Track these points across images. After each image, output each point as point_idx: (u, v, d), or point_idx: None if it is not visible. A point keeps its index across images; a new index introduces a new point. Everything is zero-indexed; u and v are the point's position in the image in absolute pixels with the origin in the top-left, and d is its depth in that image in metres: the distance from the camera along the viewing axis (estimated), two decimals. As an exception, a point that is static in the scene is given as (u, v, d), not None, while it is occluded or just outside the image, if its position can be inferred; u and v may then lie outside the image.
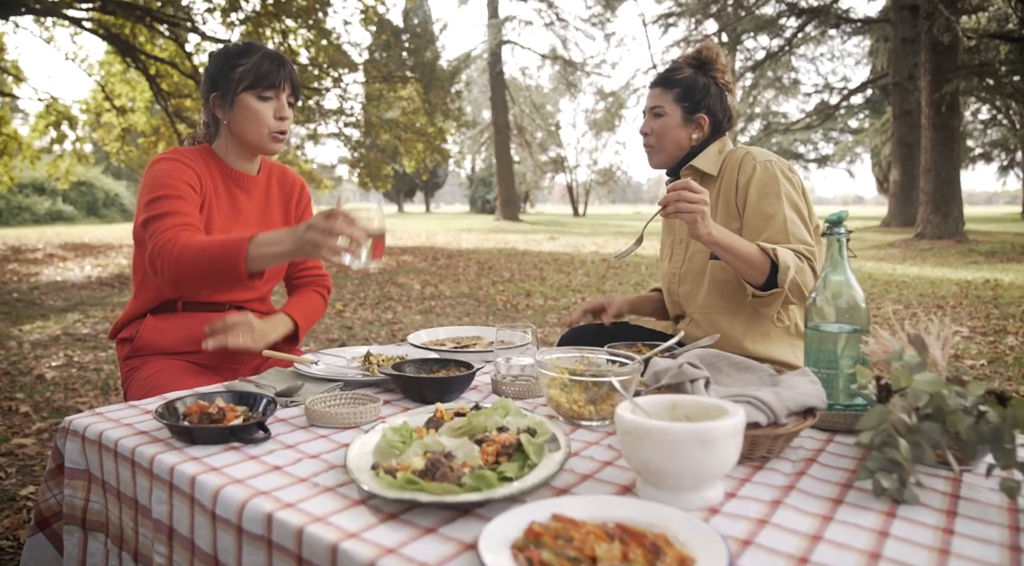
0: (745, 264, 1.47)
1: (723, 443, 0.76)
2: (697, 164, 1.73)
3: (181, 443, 0.96)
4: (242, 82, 1.55)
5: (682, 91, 1.71)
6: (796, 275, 1.46)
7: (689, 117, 1.72)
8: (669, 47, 26.99)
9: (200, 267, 1.32)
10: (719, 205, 1.70)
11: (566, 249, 13.85)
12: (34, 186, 24.74)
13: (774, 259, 1.47)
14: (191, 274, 1.34)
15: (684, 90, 1.71)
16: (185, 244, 1.35)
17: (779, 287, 1.47)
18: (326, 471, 0.87)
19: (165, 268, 1.36)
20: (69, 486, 1.05)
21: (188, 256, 1.34)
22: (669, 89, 1.72)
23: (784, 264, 1.45)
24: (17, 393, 3.54)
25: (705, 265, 1.70)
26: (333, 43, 12.84)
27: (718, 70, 1.74)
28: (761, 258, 1.47)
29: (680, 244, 1.80)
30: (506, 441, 0.87)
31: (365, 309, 6.44)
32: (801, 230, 1.56)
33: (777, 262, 1.46)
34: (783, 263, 1.45)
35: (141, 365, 1.55)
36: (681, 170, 1.77)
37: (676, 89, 1.72)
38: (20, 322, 5.58)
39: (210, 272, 1.32)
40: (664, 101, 1.72)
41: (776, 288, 1.48)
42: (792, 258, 1.47)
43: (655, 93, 1.75)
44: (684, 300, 1.77)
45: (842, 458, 0.95)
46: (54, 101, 13.59)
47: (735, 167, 1.67)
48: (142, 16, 11.07)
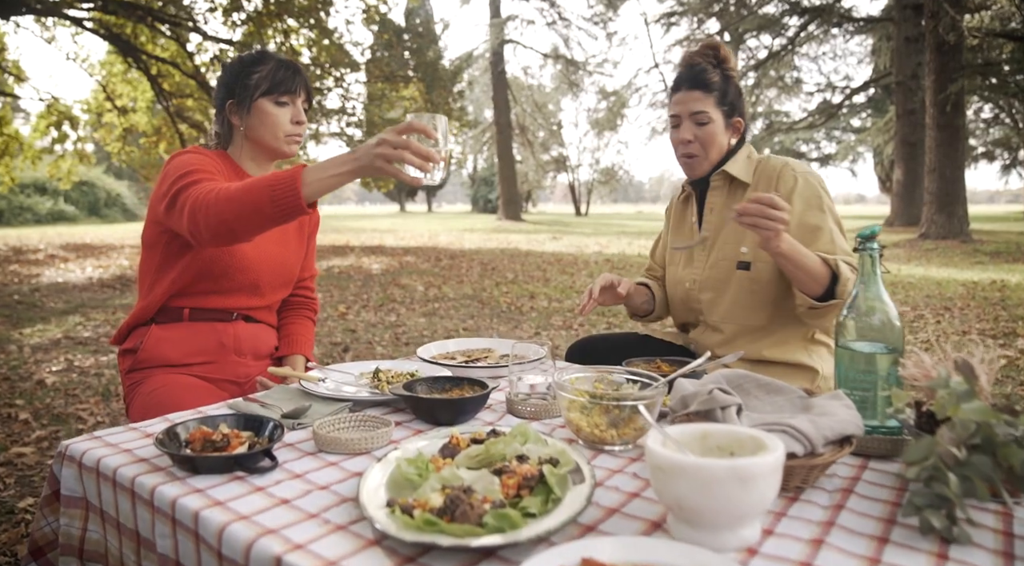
0: (809, 276, 1.44)
1: (762, 480, 0.71)
2: (731, 170, 1.67)
3: (183, 472, 0.91)
4: (259, 88, 1.56)
5: (720, 95, 1.65)
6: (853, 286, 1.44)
7: (728, 121, 1.67)
8: (671, 46, 26.94)
9: (254, 198, 1.22)
10: None
11: (569, 249, 13.80)
12: (36, 186, 24.73)
13: (835, 271, 1.44)
14: (244, 210, 1.23)
15: (721, 93, 1.65)
16: (229, 186, 1.28)
17: (837, 298, 1.44)
18: (337, 505, 0.83)
19: (211, 210, 1.25)
20: (66, 514, 1.01)
21: (237, 192, 1.24)
22: (708, 92, 1.63)
23: (844, 276, 1.43)
24: (17, 399, 3.50)
25: (731, 274, 1.65)
26: (335, 43, 12.79)
27: (732, 69, 1.68)
28: (824, 270, 1.44)
29: (701, 250, 1.73)
30: (528, 473, 0.82)
31: (368, 311, 6.40)
32: (844, 243, 1.54)
33: (839, 274, 1.43)
34: (844, 275, 1.43)
35: (144, 379, 1.51)
36: (712, 176, 1.71)
37: (715, 93, 1.64)
38: (20, 325, 5.54)
39: (268, 202, 1.21)
40: (707, 105, 1.63)
41: (833, 299, 1.45)
42: (848, 270, 1.45)
43: (695, 97, 1.64)
44: (705, 308, 1.71)
45: (880, 487, 0.90)
46: (55, 101, 13.56)
47: (772, 177, 1.62)
48: (143, 16, 11.03)
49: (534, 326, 5.69)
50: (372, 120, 14.61)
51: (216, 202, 1.26)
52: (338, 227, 24.86)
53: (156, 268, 1.55)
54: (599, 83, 42.11)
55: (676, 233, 1.86)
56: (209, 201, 1.27)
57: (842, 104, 24.82)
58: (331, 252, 13.26)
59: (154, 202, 1.49)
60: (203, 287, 1.55)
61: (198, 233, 1.31)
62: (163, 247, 1.54)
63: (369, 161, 1.18)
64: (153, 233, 1.55)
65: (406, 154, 1.15)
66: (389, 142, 1.16)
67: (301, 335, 1.75)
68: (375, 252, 13.25)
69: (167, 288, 1.53)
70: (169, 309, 1.56)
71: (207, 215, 1.27)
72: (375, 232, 21.13)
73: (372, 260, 11.38)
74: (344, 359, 4.46)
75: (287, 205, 1.21)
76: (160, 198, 1.44)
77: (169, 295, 1.55)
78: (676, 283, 1.80)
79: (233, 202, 1.25)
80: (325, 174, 1.22)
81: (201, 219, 1.28)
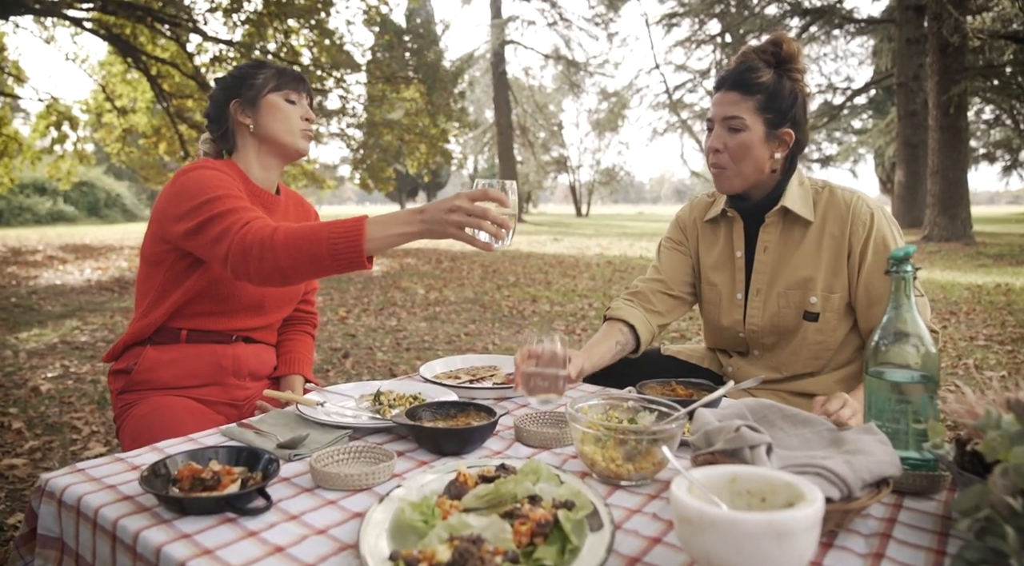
0: None
1: (802, 536, 0.64)
2: (793, 208, 1.45)
3: (171, 513, 0.84)
4: (267, 85, 1.52)
5: (765, 98, 1.40)
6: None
7: (772, 132, 1.42)
8: (672, 47, 26.88)
9: (313, 249, 1.18)
10: (823, 258, 1.45)
11: (571, 251, 13.73)
12: (35, 186, 24.69)
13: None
14: (302, 258, 1.19)
15: (768, 97, 1.40)
16: (288, 229, 1.22)
17: None
18: (335, 554, 0.76)
19: (266, 255, 1.21)
20: (40, 555, 0.94)
21: (297, 240, 1.20)
22: (748, 95, 1.40)
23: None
24: (10, 408, 3.44)
25: (798, 324, 1.50)
26: (335, 43, 12.73)
27: (798, 70, 1.44)
28: None
29: (757, 296, 1.54)
30: (542, 519, 0.76)
31: (369, 315, 6.33)
32: (927, 310, 1.36)
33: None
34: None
35: (137, 401, 1.44)
36: (767, 215, 1.48)
37: (758, 95, 1.40)
38: (17, 329, 5.47)
39: (328, 255, 1.18)
40: (743, 111, 1.40)
41: None
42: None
43: (730, 98, 1.42)
44: (764, 352, 1.57)
45: (920, 531, 0.83)
46: (55, 101, 13.50)
47: (843, 215, 1.42)
48: (143, 16, 10.97)
49: (537, 331, 5.62)
50: (372, 121, 14.55)
51: (273, 248, 1.21)
52: (338, 228, 24.75)
53: (158, 287, 1.46)
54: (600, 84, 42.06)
55: (707, 255, 1.65)
56: (265, 244, 1.22)
57: (843, 105, 24.75)
58: (331, 254, 13.17)
59: (166, 220, 1.39)
60: (205, 308, 1.48)
61: (244, 272, 1.25)
62: (168, 266, 1.45)
63: (441, 226, 1.17)
64: (158, 250, 1.46)
65: (483, 223, 1.15)
66: (464, 210, 1.15)
67: (300, 353, 1.69)
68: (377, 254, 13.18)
69: (168, 308, 1.45)
70: (167, 329, 1.49)
71: (261, 258, 1.22)
72: (375, 233, 21.02)
73: (373, 262, 11.30)
74: (344, 365, 4.40)
75: (347, 260, 1.19)
76: (177, 218, 1.36)
77: (169, 315, 1.47)
78: (723, 319, 1.61)
79: (291, 250, 1.20)
80: (390, 232, 1.19)
81: (253, 261, 1.23)
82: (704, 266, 1.66)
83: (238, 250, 1.25)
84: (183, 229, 1.34)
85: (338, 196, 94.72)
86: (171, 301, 1.45)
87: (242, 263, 1.24)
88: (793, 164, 1.50)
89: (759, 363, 1.59)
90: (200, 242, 1.32)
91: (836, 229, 1.44)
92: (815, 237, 1.47)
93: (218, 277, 1.46)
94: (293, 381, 1.62)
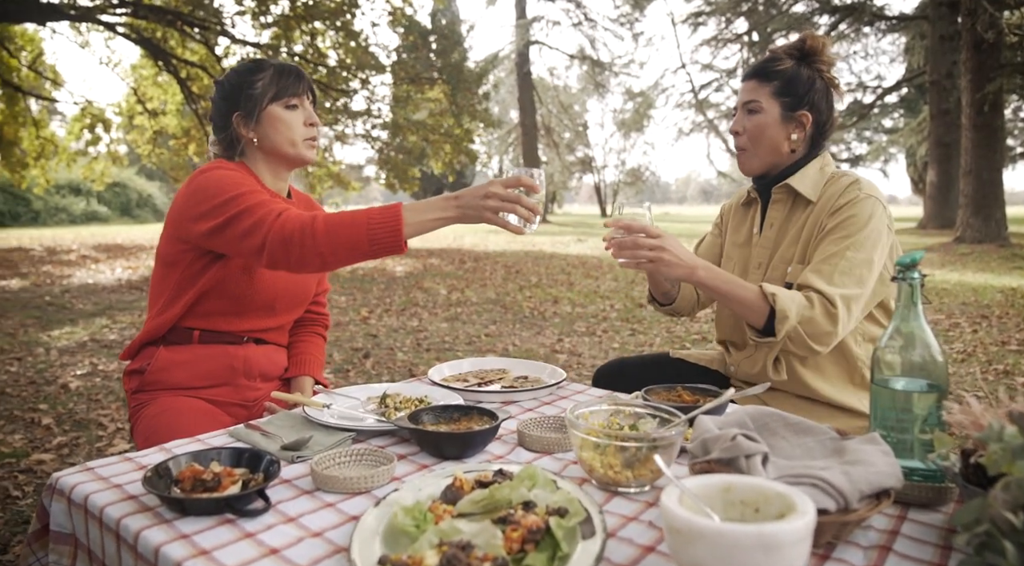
0: (742, 307, 1.35)
1: (791, 548, 0.64)
2: (796, 185, 1.52)
3: (172, 513, 0.86)
4: (266, 95, 1.51)
5: (782, 84, 1.51)
6: (800, 325, 1.32)
7: (789, 114, 1.51)
8: (698, 46, 26.63)
9: (352, 235, 1.25)
10: (802, 234, 1.50)
11: (594, 252, 13.68)
12: (71, 187, 25.30)
13: (772, 304, 1.33)
14: (341, 245, 1.25)
15: (784, 83, 1.51)
16: (327, 217, 1.28)
17: (776, 336, 1.33)
18: (329, 557, 0.77)
19: (307, 242, 1.26)
20: (54, 551, 0.97)
21: (337, 227, 1.26)
22: (766, 82, 1.52)
23: (783, 312, 1.31)
24: (40, 404, 3.53)
25: None
26: (361, 45, 12.84)
27: (824, 62, 1.53)
28: (759, 302, 1.34)
29: (758, 269, 1.60)
30: (533, 526, 0.76)
31: (390, 316, 6.38)
32: (851, 272, 1.37)
33: (775, 307, 1.32)
34: (781, 310, 1.31)
35: (149, 401, 1.47)
36: (773, 190, 1.57)
37: (775, 82, 1.51)
38: (50, 327, 5.61)
39: (366, 241, 1.24)
40: (760, 95, 1.52)
41: (772, 337, 1.34)
42: (799, 304, 1.33)
43: (750, 86, 1.54)
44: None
45: (922, 545, 0.82)
46: (89, 104, 13.82)
47: (835, 195, 1.47)
48: (173, 20, 11.18)
49: (557, 332, 5.62)
50: (397, 122, 14.64)
51: (314, 234, 1.27)
52: (364, 228, 24.95)
53: (174, 286, 1.49)
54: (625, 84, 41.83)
55: (735, 234, 1.72)
56: (306, 231, 1.27)
57: (873, 104, 24.31)
58: (356, 254, 13.30)
59: (184, 220, 1.42)
60: (219, 307, 1.50)
61: (284, 260, 1.30)
62: (185, 266, 1.48)
63: (476, 211, 1.25)
64: (175, 250, 1.48)
65: (517, 208, 1.24)
66: (499, 196, 1.24)
67: (311, 354, 1.70)
68: (399, 254, 13.26)
69: (182, 307, 1.48)
70: (180, 329, 1.51)
71: (302, 245, 1.27)
72: (400, 233, 21.16)
73: (396, 262, 11.39)
74: (364, 365, 4.44)
75: (386, 245, 1.25)
76: (198, 218, 1.38)
77: (183, 314, 1.50)
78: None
79: (331, 236, 1.26)
80: (426, 217, 1.27)
81: (295, 248, 1.27)
82: (728, 243, 1.74)
83: (277, 239, 1.29)
84: (206, 228, 1.37)
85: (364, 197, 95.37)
86: (185, 299, 1.48)
87: (282, 251, 1.29)
88: (816, 147, 1.56)
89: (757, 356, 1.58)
90: (227, 238, 1.35)
91: (825, 206, 1.49)
92: (806, 216, 1.52)
93: (233, 275, 1.48)
94: (303, 382, 1.64)
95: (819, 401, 1.50)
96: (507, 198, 1.23)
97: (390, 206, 1.27)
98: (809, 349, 1.36)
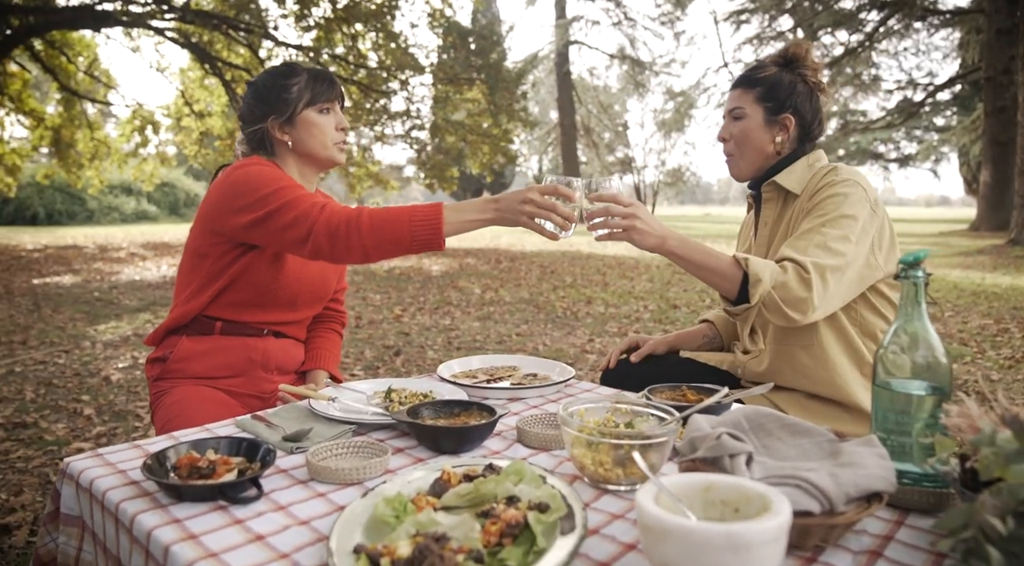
0: (714, 275, 1.35)
1: (760, 549, 0.62)
2: (781, 181, 1.55)
3: (169, 499, 0.89)
4: (301, 99, 1.57)
5: (764, 90, 1.55)
6: (774, 289, 1.31)
7: (772, 118, 1.55)
8: (741, 45, 26.17)
9: (395, 230, 1.32)
10: (789, 228, 1.53)
11: (631, 252, 13.57)
12: (123, 187, 26.21)
13: (745, 269, 1.32)
14: (384, 240, 1.32)
15: (767, 89, 1.55)
16: (372, 212, 1.35)
17: (751, 301, 1.32)
18: (311, 545, 0.78)
19: (352, 235, 1.33)
20: (64, 532, 1.01)
21: (381, 222, 1.33)
22: (750, 88, 1.57)
23: (755, 274, 1.31)
24: (83, 395, 3.66)
25: None
26: (400, 46, 12.98)
27: (807, 67, 1.58)
28: (732, 269, 1.34)
29: None
30: (512, 520, 0.76)
31: (424, 314, 6.43)
32: (824, 246, 1.36)
33: (748, 271, 1.31)
34: (754, 274, 1.31)
35: (169, 389, 1.52)
36: (763, 187, 1.60)
37: (758, 88, 1.56)
38: (96, 322, 5.82)
39: (408, 237, 1.32)
40: (744, 101, 1.57)
41: (747, 303, 1.33)
42: (772, 268, 1.32)
43: (735, 94, 1.59)
44: (762, 331, 1.60)
45: (915, 551, 0.79)
46: (139, 107, 14.29)
47: (816, 183, 1.49)
48: (219, 24, 11.48)
49: (588, 332, 5.59)
50: (436, 122, 14.76)
51: (359, 228, 1.33)
52: (403, 228, 25.19)
53: (204, 276, 1.54)
54: (666, 83, 41.35)
55: (743, 243, 1.77)
56: (351, 224, 1.34)
57: (924, 102, 23.57)
58: (393, 253, 13.45)
59: (221, 214, 1.47)
60: (244, 298, 1.55)
61: (328, 251, 1.36)
62: (217, 257, 1.53)
63: (514, 215, 1.31)
64: (208, 243, 1.53)
65: (552, 216, 1.29)
66: (536, 203, 1.29)
67: (326, 349, 1.74)
68: (436, 253, 13.38)
69: (209, 297, 1.54)
70: (203, 319, 1.56)
71: (348, 237, 1.34)
72: (438, 233, 21.32)
73: (433, 262, 11.49)
74: (395, 363, 4.49)
75: (426, 242, 1.32)
76: (238, 211, 1.44)
77: (210, 302, 1.55)
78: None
79: (375, 231, 1.33)
80: (465, 217, 1.33)
81: (340, 239, 1.34)
82: (738, 250, 1.76)
83: (323, 230, 1.35)
84: (246, 220, 1.42)
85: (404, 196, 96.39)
86: (213, 288, 1.54)
87: (327, 242, 1.35)
88: (803, 147, 1.59)
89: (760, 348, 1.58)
90: (268, 230, 1.41)
91: (805, 195, 1.51)
92: (794, 209, 1.54)
93: (258, 268, 1.53)
94: (317, 376, 1.68)
95: (831, 401, 1.47)
96: (543, 205, 1.29)
97: (432, 205, 1.33)
98: (785, 316, 1.34)
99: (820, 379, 1.48)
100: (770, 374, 1.54)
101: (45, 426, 3.14)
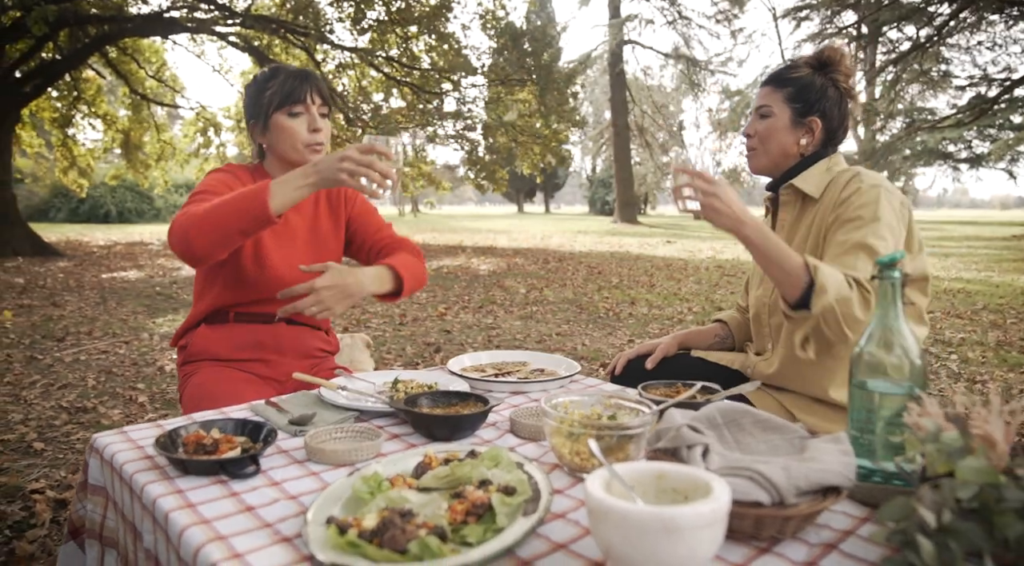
0: (781, 273, 1.29)
1: (692, 533, 0.66)
2: (799, 184, 1.54)
3: (176, 472, 0.97)
4: (271, 104, 1.60)
5: (795, 91, 1.55)
6: (836, 303, 1.24)
7: (799, 120, 1.55)
8: (801, 42, 25.48)
9: (222, 210, 1.34)
10: (811, 233, 1.51)
11: (681, 254, 13.43)
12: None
13: (813, 276, 1.26)
14: (213, 222, 1.34)
15: (797, 90, 1.55)
16: (205, 205, 1.39)
17: (812, 309, 1.26)
18: (295, 517, 0.85)
19: (190, 230, 1.35)
20: (91, 501, 1.11)
21: (207, 209, 1.36)
22: (780, 88, 1.57)
23: (822, 284, 1.24)
24: (139, 384, 3.88)
25: None
26: (453, 47, 13.16)
27: (840, 73, 1.57)
28: (800, 271, 1.27)
29: None
30: (478, 500, 0.81)
31: (467, 313, 6.53)
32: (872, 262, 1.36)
33: (815, 279, 1.25)
34: (820, 283, 1.24)
35: (195, 371, 1.63)
36: (781, 190, 1.59)
37: (788, 88, 1.56)
38: (155, 315, 6.12)
39: (233, 213, 1.34)
40: (772, 100, 1.57)
41: (806, 310, 1.28)
42: (839, 282, 1.26)
43: (764, 92, 1.60)
44: (775, 333, 1.59)
45: (871, 546, 0.81)
46: (203, 109, 14.89)
47: (839, 189, 1.47)
48: (277, 28, 11.86)
49: (629, 333, 5.59)
50: (487, 123, 14.89)
51: (191, 219, 1.36)
52: (455, 227, 25.54)
53: (203, 279, 1.67)
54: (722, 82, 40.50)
55: None
56: (182, 220, 1.38)
57: (999, 98, 22.45)
58: (443, 252, 13.65)
59: None
60: (244, 296, 1.65)
61: (185, 252, 1.39)
62: None
63: (332, 174, 1.33)
64: None
65: (370, 172, 1.31)
66: (352, 159, 1.31)
67: (397, 258, 1.66)
68: (486, 253, 13.51)
69: (213, 298, 1.65)
70: (218, 312, 1.68)
71: (181, 228, 1.38)
72: (490, 233, 21.54)
73: (481, 261, 11.60)
74: (434, 360, 4.58)
75: (255, 216, 1.33)
76: None
77: (215, 305, 1.66)
78: (752, 305, 1.69)
79: (204, 219, 1.35)
80: (290, 187, 1.35)
81: (193, 238, 1.36)
82: None
83: (177, 236, 1.39)
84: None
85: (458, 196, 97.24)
86: (214, 291, 1.65)
87: (183, 244, 1.38)
88: (824, 151, 1.58)
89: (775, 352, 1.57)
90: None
91: (828, 201, 1.49)
92: (813, 214, 1.52)
93: (244, 269, 1.62)
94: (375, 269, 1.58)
95: (838, 405, 1.46)
96: (361, 162, 1.30)
97: (259, 184, 1.36)
98: (842, 333, 1.27)
99: (829, 383, 1.47)
100: (780, 376, 1.54)
101: (103, 411, 3.35)
